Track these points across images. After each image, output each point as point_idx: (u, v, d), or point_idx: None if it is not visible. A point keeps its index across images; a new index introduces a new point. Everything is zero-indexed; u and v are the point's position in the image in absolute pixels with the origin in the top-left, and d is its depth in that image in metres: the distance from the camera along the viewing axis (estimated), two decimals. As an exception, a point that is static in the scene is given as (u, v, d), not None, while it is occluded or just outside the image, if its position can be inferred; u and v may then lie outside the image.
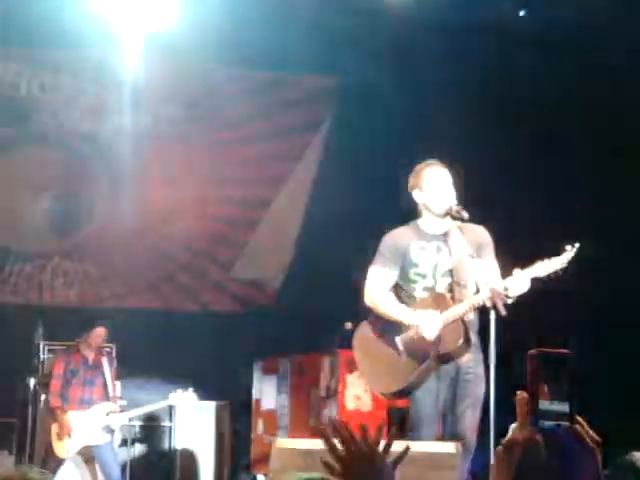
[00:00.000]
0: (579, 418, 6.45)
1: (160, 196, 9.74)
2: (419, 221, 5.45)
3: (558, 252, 5.09)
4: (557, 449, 1.75)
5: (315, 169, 10.05)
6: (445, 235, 5.38)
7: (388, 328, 5.33)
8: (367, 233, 5.77)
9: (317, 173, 10.05)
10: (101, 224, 9.66)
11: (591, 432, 6.11)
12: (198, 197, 9.93)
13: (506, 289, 5.03)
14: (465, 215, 5.22)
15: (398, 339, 5.28)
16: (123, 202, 9.70)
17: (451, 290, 5.31)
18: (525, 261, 5.10)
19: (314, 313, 9.15)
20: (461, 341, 5.21)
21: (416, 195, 5.42)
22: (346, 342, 7.71)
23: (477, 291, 5.23)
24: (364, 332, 5.45)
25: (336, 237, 9.27)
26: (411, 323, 5.22)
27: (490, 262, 5.35)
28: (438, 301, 5.30)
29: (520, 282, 5.06)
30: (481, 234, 5.41)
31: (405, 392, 5.29)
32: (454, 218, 5.30)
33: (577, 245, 5.09)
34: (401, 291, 5.37)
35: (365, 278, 5.40)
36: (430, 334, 5.18)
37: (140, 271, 9.76)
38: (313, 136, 10.06)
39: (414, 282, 5.34)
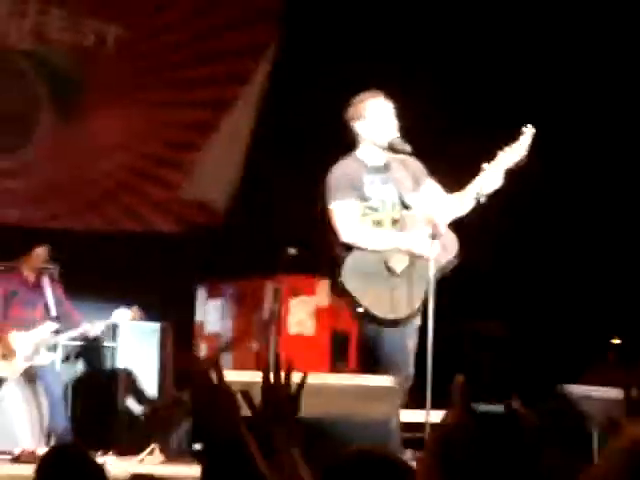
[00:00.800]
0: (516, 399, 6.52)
1: (103, 117, 9.59)
2: (358, 153, 5.36)
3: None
4: (492, 434, 1.75)
5: (263, 91, 9.94)
6: (386, 167, 5.33)
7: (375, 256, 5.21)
8: (315, 157, 5.72)
9: (265, 95, 9.93)
10: (42, 143, 9.50)
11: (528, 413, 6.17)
12: (142, 119, 9.79)
13: (479, 190, 5.03)
14: (407, 148, 5.19)
15: (393, 263, 5.18)
16: (65, 122, 9.54)
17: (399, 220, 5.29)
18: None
19: (260, 236, 9.13)
20: (456, 248, 5.20)
21: (358, 126, 5.31)
22: (289, 267, 7.74)
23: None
24: (354, 260, 5.29)
25: (283, 160, 9.24)
26: (407, 246, 5.15)
27: (430, 184, 5.34)
28: (406, 223, 5.27)
29: (492, 176, 5.07)
30: (414, 164, 5.38)
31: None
32: (396, 151, 5.25)
33: (530, 126, 5.10)
34: None
35: (321, 212, 5.31)
36: (425, 250, 5.10)
37: (82, 191, 9.64)
38: (260, 58, 9.93)
39: (365, 215, 5.28)
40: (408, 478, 1.90)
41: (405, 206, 5.30)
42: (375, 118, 5.28)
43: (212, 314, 9.07)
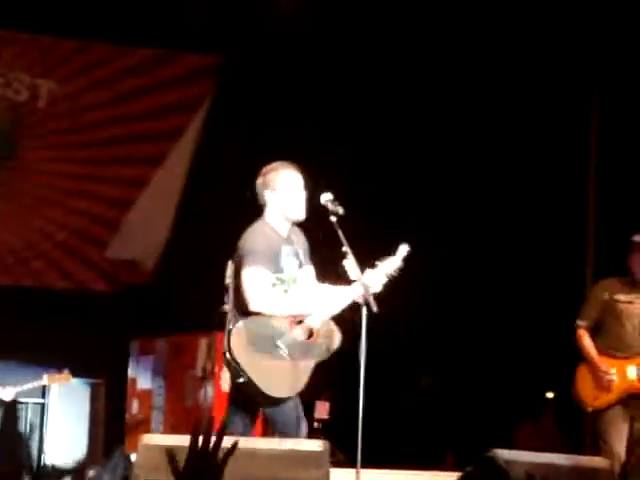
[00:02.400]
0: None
1: (34, 172, 9.53)
2: (269, 220, 5.32)
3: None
4: None
5: (194, 149, 9.93)
6: (289, 239, 5.31)
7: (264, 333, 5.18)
8: (243, 218, 5.72)
9: (196, 153, 9.93)
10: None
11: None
12: (75, 175, 9.75)
13: (370, 287, 5.10)
14: (340, 210, 5.21)
15: (281, 342, 5.16)
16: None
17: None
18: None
19: (191, 294, 9.10)
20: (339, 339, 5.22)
21: (268, 195, 5.27)
22: (223, 324, 7.70)
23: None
24: (242, 339, 5.23)
25: (212, 219, 9.25)
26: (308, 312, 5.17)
27: (309, 268, 5.38)
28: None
29: (377, 277, 5.16)
30: (303, 239, 5.40)
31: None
32: (331, 214, 5.24)
33: (405, 244, 5.25)
34: None
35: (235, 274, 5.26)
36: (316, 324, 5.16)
37: (12, 248, 9.54)
38: (193, 115, 9.93)
39: (273, 285, 5.19)
40: None
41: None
42: (286, 191, 5.23)
43: (144, 371, 8.99)
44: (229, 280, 5.30)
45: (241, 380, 5.16)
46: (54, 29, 9.34)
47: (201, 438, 2.39)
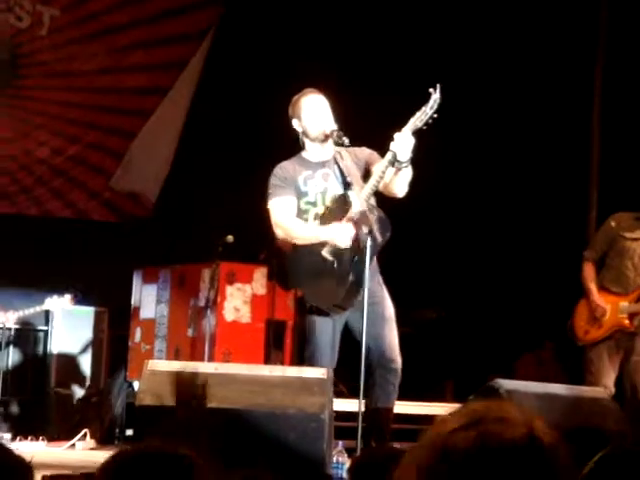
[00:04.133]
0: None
1: (37, 101, 9.48)
2: (303, 153, 5.58)
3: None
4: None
5: (197, 80, 9.88)
6: (330, 162, 5.46)
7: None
8: (247, 148, 5.78)
9: (200, 84, 9.88)
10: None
11: None
12: (77, 104, 9.70)
13: (395, 155, 5.13)
14: (346, 141, 5.29)
15: (325, 251, 5.34)
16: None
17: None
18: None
19: (192, 225, 9.13)
20: (389, 232, 5.30)
21: (295, 124, 5.52)
22: (226, 254, 7.75)
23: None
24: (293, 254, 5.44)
25: (215, 149, 9.24)
26: (327, 238, 5.28)
27: (361, 188, 5.41)
28: (336, 202, 5.38)
29: (404, 142, 5.16)
30: (362, 151, 5.51)
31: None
32: (336, 144, 5.37)
33: (438, 85, 5.22)
34: None
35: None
36: (345, 242, 5.26)
37: (14, 175, 9.53)
38: (197, 45, 9.87)
39: (305, 212, 5.47)
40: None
41: (346, 199, 5.40)
42: (308, 114, 5.46)
43: (147, 299, 9.03)
44: None
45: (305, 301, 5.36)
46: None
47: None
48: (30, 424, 8.25)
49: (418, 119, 5.20)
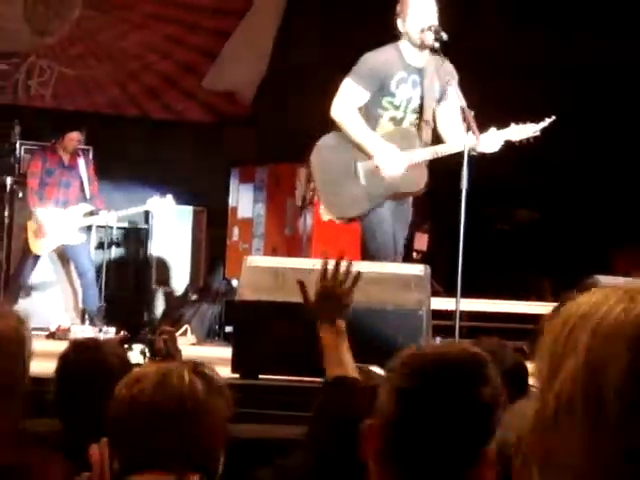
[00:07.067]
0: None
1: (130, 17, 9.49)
2: (401, 45, 5.37)
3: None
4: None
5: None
6: (421, 70, 5.32)
7: (349, 148, 5.28)
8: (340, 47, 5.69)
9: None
10: (77, 27, 9.41)
11: None
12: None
13: (474, 147, 5.04)
14: (444, 36, 5.16)
15: (360, 166, 5.24)
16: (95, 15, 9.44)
17: (418, 128, 5.29)
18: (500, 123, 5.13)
19: (290, 124, 9.09)
20: (422, 185, 5.24)
21: (400, 25, 5.36)
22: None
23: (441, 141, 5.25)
24: (325, 147, 5.38)
25: (311, 46, 9.14)
26: (374, 154, 5.19)
27: (450, 101, 5.30)
28: (405, 137, 5.28)
29: (492, 141, 5.09)
30: (449, 70, 5.36)
31: (359, 218, 5.34)
32: (435, 40, 5.21)
33: (553, 117, 5.13)
34: (368, 113, 5.30)
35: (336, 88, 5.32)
36: (391, 173, 5.17)
37: (116, 79, 9.59)
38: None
39: (384, 109, 5.32)
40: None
41: (421, 116, 5.32)
42: (414, 14, 5.29)
43: (244, 199, 9.10)
44: None
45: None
46: None
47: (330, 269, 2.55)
48: (133, 320, 8.45)
49: (518, 133, 5.17)
